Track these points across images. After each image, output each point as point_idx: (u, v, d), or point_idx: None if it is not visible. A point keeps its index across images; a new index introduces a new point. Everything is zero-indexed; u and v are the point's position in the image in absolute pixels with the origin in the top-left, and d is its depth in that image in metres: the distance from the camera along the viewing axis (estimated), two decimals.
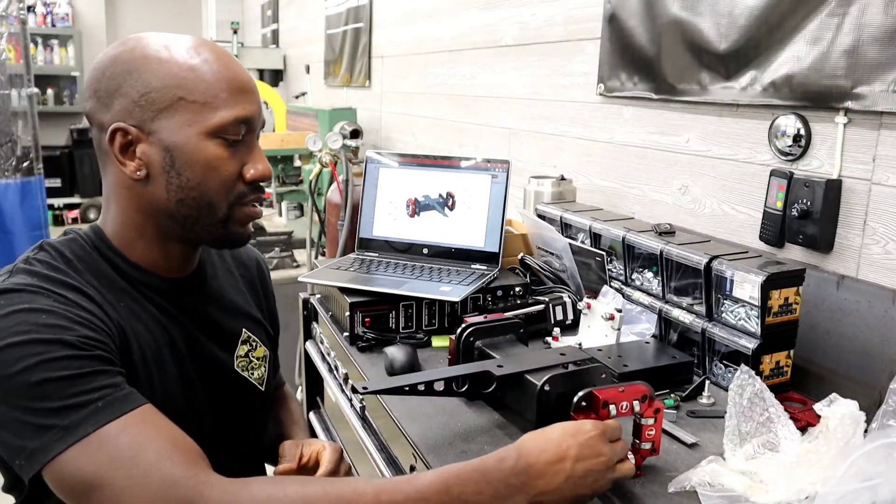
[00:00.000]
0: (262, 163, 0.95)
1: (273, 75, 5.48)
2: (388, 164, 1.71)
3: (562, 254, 1.60)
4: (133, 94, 0.88)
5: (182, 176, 0.90)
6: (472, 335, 1.22)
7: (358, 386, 0.99)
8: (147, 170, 0.90)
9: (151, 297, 0.96)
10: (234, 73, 0.92)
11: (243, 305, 1.13)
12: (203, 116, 0.89)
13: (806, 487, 0.88)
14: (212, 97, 0.89)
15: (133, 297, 0.94)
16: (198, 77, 0.89)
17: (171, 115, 0.89)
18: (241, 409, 1.08)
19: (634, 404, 0.94)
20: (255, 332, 1.13)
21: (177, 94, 0.88)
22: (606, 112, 1.90)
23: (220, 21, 6.79)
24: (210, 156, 0.90)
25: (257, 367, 1.10)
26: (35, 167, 3.56)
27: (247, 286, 1.17)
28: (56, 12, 7.26)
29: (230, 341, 1.07)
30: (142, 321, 0.93)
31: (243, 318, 1.11)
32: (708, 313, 1.32)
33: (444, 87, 2.87)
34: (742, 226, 1.50)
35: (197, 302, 1.03)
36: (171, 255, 0.98)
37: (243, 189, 0.94)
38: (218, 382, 1.03)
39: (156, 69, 0.88)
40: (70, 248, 0.93)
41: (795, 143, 1.36)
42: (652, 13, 1.66)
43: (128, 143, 0.90)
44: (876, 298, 1.21)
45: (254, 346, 1.11)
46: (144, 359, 0.91)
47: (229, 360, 1.06)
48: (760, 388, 0.98)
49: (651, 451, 0.98)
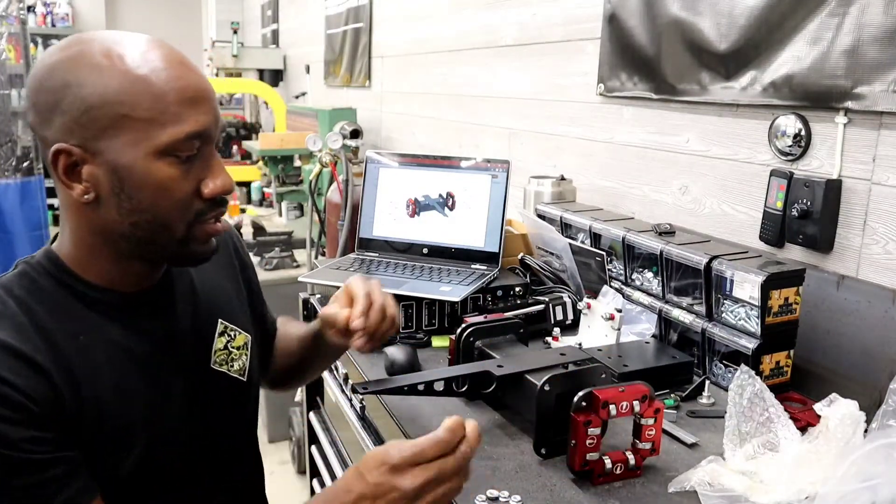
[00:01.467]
0: (222, 177, 0.87)
1: (273, 75, 5.48)
2: (388, 164, 1.71)
3: (562, 254, 1.60)
4: (73, 112, 0.80)
5: (133, 199, 0.83)
6: (472, 335, 1.22)
7: (358, 386, 0.99)
8: (95, 192, 0.83)
9: (114, 316, 0.90)
10: (184, 81, 0.83)
11: (219, 295, 1.07)
12: (150, 135, 0.81)
13: (806, 487, 0.88)
14: (159, 113, 0.81)
15: (93, 324, 0.88)
16: (142, 90, 0.80)
17: (115, 135, 0.80)
18: (224, 406, 1.03)
19: (634, 404, 0.94)
20: (234, 318, 1.07)
21: (119, 111, 0.80)
22: (606, 112, 1.90)
23: (220, 21, 6.79)
24: (161, 177, 0.83)
25: (237, 358, 1.05)
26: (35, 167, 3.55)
27: (222, 269, 1.10)
28: (56, 12, 7.26)
29: (206, 338, 1.01)
30: (104, 350, 0.87)
31: (219, 309, 1.05)
32: (708, 313, 1.32)
33: (444, 87, 2.87)
34: (742, 226, 1.50)
35: (165, 310, 0.96)
36: (130, 272, 0.91)
37: (202, 207, 0.87)
38: (196, 385, 0.98)
39: (96, 82, 0.79)
40: (20, 285, 0.86)
41: (795, 143, 1.36)
42: (652, 13, 1.66)
43: (73, 164, 0.82)
44: (876, 298, 1.21)
45: (232, 336, 1.05)
46: (101, 396, 0.86)
47: (205, 358, 1.00)
48: (760, 388, 0.98)
49: (651, 451, 0.98)
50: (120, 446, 0.87)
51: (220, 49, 5.40)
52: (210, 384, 1.00)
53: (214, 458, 1.01)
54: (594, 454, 0.95)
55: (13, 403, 0.77)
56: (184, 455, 0.96)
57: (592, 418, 0.93)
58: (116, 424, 0.87)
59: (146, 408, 0.90)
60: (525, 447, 1.05)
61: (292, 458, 3.00)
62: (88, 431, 0.84)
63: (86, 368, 0.85)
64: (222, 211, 0.91)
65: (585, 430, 0.93)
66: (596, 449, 0.95)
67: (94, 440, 0.84)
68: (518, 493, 0.93)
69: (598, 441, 0.95)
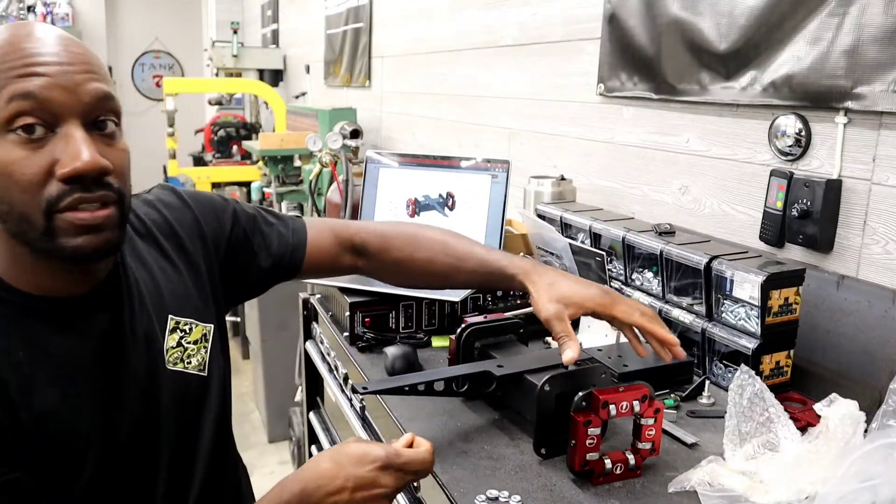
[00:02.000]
0: (84, 152, 0.75)
1: (273, 75, 5.48)
2: (388, 164, 1.71)
3: (562, 254, 1.60)
4: None
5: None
6: (472, 335, 1.22)
7: (358, 386, 0.99)
8: None
9: (55, 325, 0.84)
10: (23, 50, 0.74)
11: (170, 288, 0.98)
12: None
13: (806, 487, 0.88)
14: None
15: (34, 337, 0.82)
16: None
17: None
18: (184, 407, 0.97)
19: (634, 404, 0.94)
20: (189, 311, 0.99)
21: None
22: (606, 112, 1.90)
23: (220, 21, 6.79)
24: (3, 160, 0.74)
25: (195, 353, 0.98)
26: None
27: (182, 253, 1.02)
28: (56, 12, 7.27)
29: (155, 338, 0.94)
30: (45, 364, 0.82)
31: (169, 305, 0.97)
32: (708, 313, 1.32)
33: (444, 87, 2.87)
34: (742, 226, 1.50)
35: (110, 313, 0.89)
36: (56, 276, 0.83)
37: (56, 191, 0.75)
38: (148, 390, 0.92)
39: None
40: None
41: (795, 143, 1.36)
42: (652, 13, 1.66)
43: None
44: (876, 298, 1.21)
45: (187, 331, 0.98)
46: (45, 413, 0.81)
47: (157, 359, 0.94)
48: (760, 388, 0.98)
49: (651, 452, 0.98)
50: (72, 462, 0.83)
51: (220, 49, 5.40)
52: (164, 386, 0.94)
53: (180, 460, 0.97)
54: (594, 454, 0.94)
55: None
56: (144, 463, 0.92)
57: (592, 418, 0.93)
58: (65, 440, 0.83)
59: (97, 419, 0.86)
60: (525, 447, 1.05)
61: (292, 458, 3.00)
62: (34, 452, 0.80)
63: (25, 386, 0.80)
64: (85, 196, 0.77)
65: (585, 430, 0.93)
66: (596, 449, 0.94)
67: (42, 460, 0.81)
68: (518, 493, 0.93)
69: (598, 441, 0.95)
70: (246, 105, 5.99)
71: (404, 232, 1.17)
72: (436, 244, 1.13)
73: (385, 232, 1.17)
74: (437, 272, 1.14)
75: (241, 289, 1.14)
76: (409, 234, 1.16)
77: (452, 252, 1.11)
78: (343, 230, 1.19)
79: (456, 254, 1.11)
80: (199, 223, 1.05)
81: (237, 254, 1.10)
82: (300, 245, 1.14)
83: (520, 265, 1.05)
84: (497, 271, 1.06)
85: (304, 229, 1.16)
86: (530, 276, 1.02)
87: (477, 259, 1.09)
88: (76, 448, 0.84)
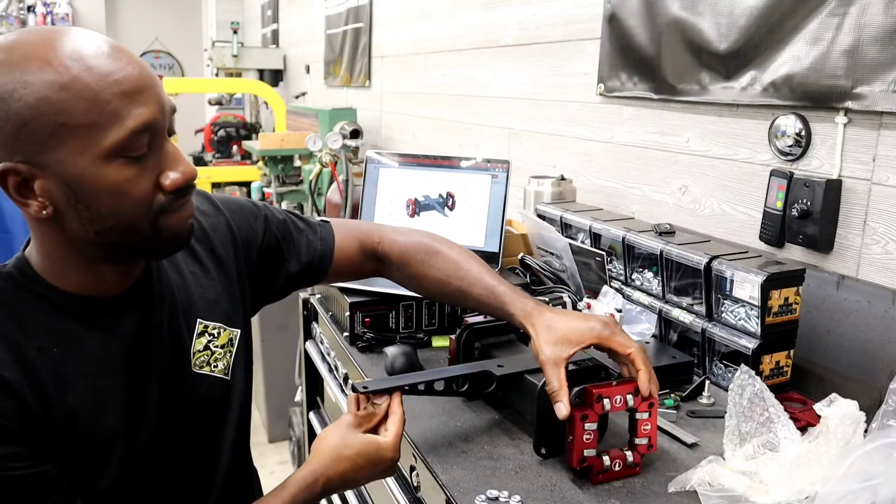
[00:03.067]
0: (181, 165, 0.83)
1: (273, 75, 5.48)
2: (388, 164, 1.71)
3: (562, 254, 1.60)
4: (9, 129, 0.75)
5: (90, 208, 0.79)
6: (472, 335, 1.22)
7: (359, 386, 0.99)
8: (53, 206, 0.79)
9: (90, 323, 0.87)
10: (118, 75, 0.77)
11: (200, 292, 1.01)
12: (93, 140, 0.76)
13: (806, 487, 0.88)
14: (97, 115, 0.76)
15: (68, 334, 0.86)
16: (75, 95, 0.75)
17: (57, 146, 0.76)
18: (208, 409, 1.00)
19: (628, 398, 0.95)
20: (217, 315, 1.02)
21: (56, 120, 0.75)
22: (606, 112, 1.90)
23: (220, 21, 6.80)
24: (115, 181, 0.79)
25: (222, 357, 1.01)
26: None
27: (214, 258, 1.05)
28: (56, 12, 7.26)
29: (183, 341, 0.97)
30: (78, 361, 0.85)
31: (199, 308, 1.00)
32: (708, 313, 1.32)
33: (444, 87, 2.87)
34: (742, 226, 1.50)
35: (142, 313, 0.93)
36: (104, 276, 0.88)
37: (164, 201, 0.83)
38: (174, 391, 0.95)
39: (26, 96, 0.74)
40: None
41: (795, 143, 1.36)
42: (652, 13, 1.66)
43: (23, 182, 0.78)
44: (876, 298, 1.21)
45: (215, 335, 1.01)
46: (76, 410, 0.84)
47: (184, 362, 0.97)
48: (760, 388, 0.98)
49: (648, 447, 0.98)
50: (97, 460, 0.85)
51: (220, 49, 5.40)
52: (190, 388, 0.97)
53: (202, 462, 0.99)
54: (591, 450, 0.95)
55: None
56: (164, 464, 0.94)
57: (588, 413, 0.94)
58: (93, 437, 0.85)
59: (123, 418, 0.88)
60: (525, 447, 1.05)
61: (292, 458, 3.00)
62: (63, 446, 0.82)
63: (58, 383, 0.83)
64: (187, 199, 0.87)
65: (582, 424, 0.93)
66: (593, 445, 0.95)
67: (70, 455, 0.83)
68: (518, 493, 0.93)
69: (595, 437, 0.95)
70: (246, 105, 5.99)
71: (424, 247, 1.18)
72: (450, 265, 1.15)
73: (406, 246, 1.19)
74: (447, 294, 1.17)
75: (268, 293, 1.17)
76: (427, 250, 1.18)
77: (464, 276, 1.13)
78: (367, 238, 1.21)
79: (466, 278, 1.13)
80: (231, 229, 1.08)
81: (267, 259, 1.13)
82: (328, 252, 1.18)
83: (521, 306, 1.06)
84: (499, 305, 1.08)
85: (332, 236, 1.19)
86: (531, 317, 1.03)
87: (484, 288, 1.11)
88: (102, 446, 0.86)
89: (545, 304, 1.09)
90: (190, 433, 0.97)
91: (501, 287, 1.09)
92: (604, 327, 0.99)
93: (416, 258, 1.18)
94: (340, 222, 1.25)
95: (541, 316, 1.02)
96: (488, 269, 1.14)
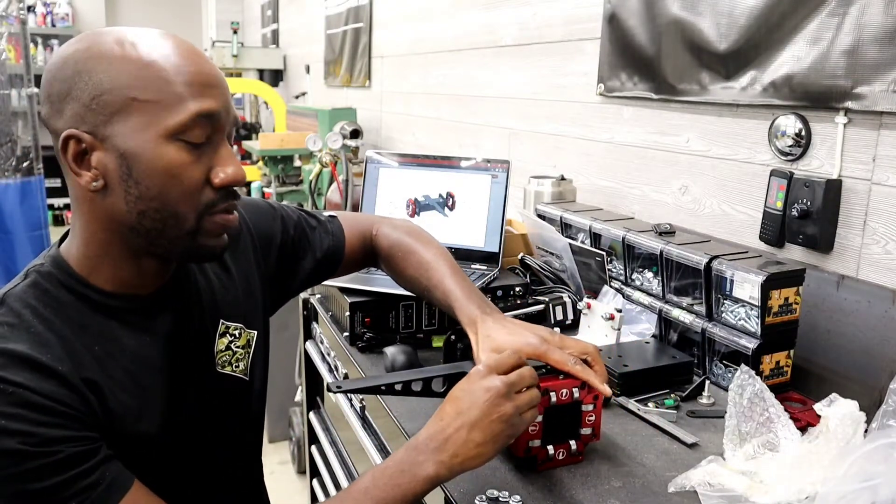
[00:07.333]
0: (233, 165, 0.86)
1: (273, 75, 5.48)
2: (388, 164, 1.71)
3: (562, 254, 1.60)
4: (84, 98, 0.80)
5: (140, 185, 0.82)
6: (455, 336, 1.23)
7: (332, 385, 0.98)
8: (104, 179, 0.82)
9: (128, 321, 0.89)
10: (195, 66, 0.83)
11: (222, 293, 1.03)
12: (159, 117, 0.80)
13: (806, 487, 0.88)
14: (167, 95, 0.81)
15: (108, 333, 0.87)
16: (152, 74, 0.80)
17: (125, 119, 0.80)
18: (230, 408, 1.02)
19: (574, 391, 0.97)
20: (238, 316, 1.04)
21: (129, 94, 0.80)
22: (606, 112, 1.90)
23: (220, 21, 6.80)
24: (170, 162, 0.82)
25: (242, 358, 1.03)
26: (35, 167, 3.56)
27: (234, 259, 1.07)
28: (56, 12, 7.27)
29: (208, 340, 1.00)
30: (120, 360, 0.87)
31: (221, 309, 1.02)
32: (708, 313, 1.32)
33: (444, 87, 2.87)
34: (742, 226, 1.50)
35: (176, 312, 0.94)
36: (142, 271, 0.90)
37: (212, 197, 0.85)
38: (204, 390, 0.97)
39: (107, 69, 0.80)
40: (35, 296, 0.84)
41: (795, 143, 1.36)
42: (652, 13, 1.66)
43: (82, 152, 0.82)
44: (876, 298, 1.21)
45: (236, 335, 1.03)
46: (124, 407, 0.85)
47: (209, 361, 0.99)
48: (760, 388, 0.98)
49: (591, 437, 1.01)
50: (138, 458, 0.86)
51: (220, 49, 5.40)
52: (216, 387, 0.99)
53: (218, 459, 1.00)
54: (536, 441, 0.97)
55: (42, 407, 0.76)
56: (191, 461, 0.95)
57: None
58: (137, 437, 0.86)
59: (162, 420, 0.89)
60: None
61: (292, 458, 3.00)
62: (113, 443, 0.83)
63: (107, 380, 0.84)
64: (233, 203, 0.89)
65: None
66: (538, 436, 0.97)
67: (117, 452, 0.83)
68: (518, 493, 0.93)
69: (541, 428, 0.97)
70: (246, 105, 5.99)
71: (404, 245, 1.21)
72: (421, 265, 1.18)
73: (391, 242, 1.23)
74: (419, 293, 1.21)
75: (286, 292, 1.21)
76: (406, 248, 1.21)
77: (430, 276, 1.16)
78: (367, 231, 1.26)
79: (432, 279, 1.15)
80: (251, 230, 1.10)
81: (285, 259, 1.16)
82: (339, 248, 1.22)
83: (468, 312, 1.07)
84: (452, 310, 1.11)
85: (341, 231, 1.23)
86: (475, 325, 1.05)
87: (442, 291, 1.13)
88: (144, 446, 0.87)
89: (498, 309, 1.09)
90: (217, 431, 0.99)
91: (456, 292, 1.11)
92: (540, 342, 0.98)
93: (397, 255, 1.21)
94: (346, 216, 1.28)
95: (483, 325, 1.03)
96: (454, 271, 1.15)
